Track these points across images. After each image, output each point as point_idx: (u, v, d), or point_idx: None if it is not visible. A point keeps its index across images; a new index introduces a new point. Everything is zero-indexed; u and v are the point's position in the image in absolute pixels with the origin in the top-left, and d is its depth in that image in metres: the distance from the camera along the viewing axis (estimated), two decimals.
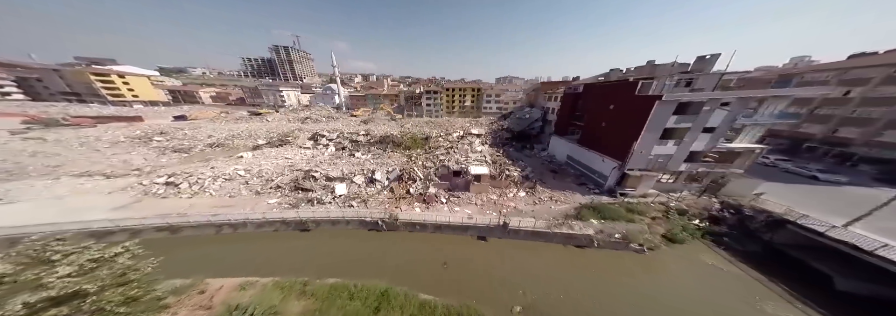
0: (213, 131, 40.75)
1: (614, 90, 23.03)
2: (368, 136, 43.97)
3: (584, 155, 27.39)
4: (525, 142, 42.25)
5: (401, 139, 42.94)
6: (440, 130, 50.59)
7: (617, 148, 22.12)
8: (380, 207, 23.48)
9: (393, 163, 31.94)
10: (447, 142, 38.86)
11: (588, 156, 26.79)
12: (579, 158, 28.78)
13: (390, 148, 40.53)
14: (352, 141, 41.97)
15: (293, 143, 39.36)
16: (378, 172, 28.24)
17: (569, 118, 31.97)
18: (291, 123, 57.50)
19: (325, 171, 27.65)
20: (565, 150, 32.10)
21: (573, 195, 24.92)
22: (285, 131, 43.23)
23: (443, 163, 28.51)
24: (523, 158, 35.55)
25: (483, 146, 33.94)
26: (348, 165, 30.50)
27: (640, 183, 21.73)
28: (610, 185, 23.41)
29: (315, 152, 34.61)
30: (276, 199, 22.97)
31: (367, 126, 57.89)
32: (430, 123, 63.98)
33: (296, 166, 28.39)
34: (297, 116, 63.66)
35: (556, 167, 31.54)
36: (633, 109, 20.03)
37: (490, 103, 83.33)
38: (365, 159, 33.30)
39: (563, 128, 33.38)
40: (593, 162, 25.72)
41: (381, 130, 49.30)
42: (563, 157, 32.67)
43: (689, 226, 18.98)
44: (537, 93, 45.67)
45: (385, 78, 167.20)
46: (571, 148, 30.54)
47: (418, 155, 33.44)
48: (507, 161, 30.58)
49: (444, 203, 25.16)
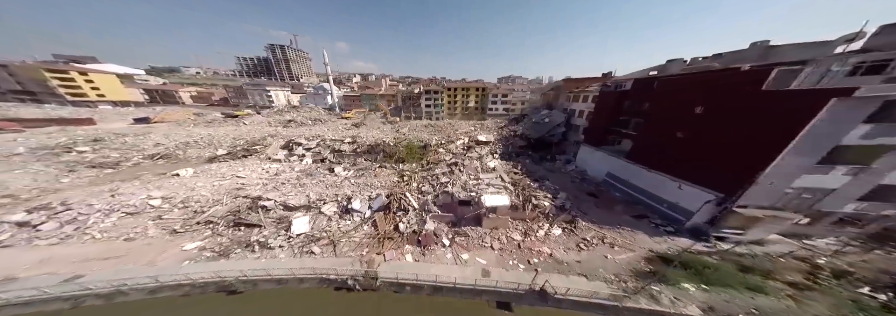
0: (166, 138, 33.49)
1: (707, 85, 15.30)
2: (355, 145, 36.60)
3: (641, 176, 19.93)
4: (544, 151, 34.82)
5: (394, 149, 35.58)
6: (441, 136, 43.22)
7: (714, 172, 14.69)
8: (355, 253, 16.19)
9: (379, 183, 24.54)
10: (449, 152, 31.46)
11: (648, 178, 19.35)
12: (630, 178, 21.33)
13: (380, 160, 33.18)
14: (334, 151, 34.62)
15: (261, 154, 32.05)
16: (356, 198, 20.86)
17: (608, 124, 24.50)
18: (270, 127, 50.30)
19: (284, 197, 20.29)
20: (603, 165, 24.63)
21: (634, 235, 17.47)
22: (255, 138, 35.94)
23: (444, 186, 21.10)
24: (545, 174, 28.12)
25: (496, 161, 26.44)
26: (320, 186, 23.14)
27: (758, 225, 14.29)
28: (696, 223, 15.98)
29: (282, 167, 27.22)
30: (199, 242, 15.63)
31: (358, 131, 50.61)
32: (430, 127, 56.63)
33: (247, 189, 21.03)
34: (279, 119, 56.43)
35: (593, 189, 24.06)
36: (756, 114, 12.55)
37: (495, 104, 75.93)
38: (345, 177, 25.93)
39: (598, 136, 25.90)
40: (660, 188, 18.26)
41: (372, 137, 41.99)
42: (600, 173, 25.21)
43: (866, 303, 11.53)
44: (558, 92, 38.26)
45: (383, 77, 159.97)
46: (615, 164, 23.07)
47: (413, 173, 26.03)
48: (531, 183, 23.14)
49: (446, 246, 17.74)
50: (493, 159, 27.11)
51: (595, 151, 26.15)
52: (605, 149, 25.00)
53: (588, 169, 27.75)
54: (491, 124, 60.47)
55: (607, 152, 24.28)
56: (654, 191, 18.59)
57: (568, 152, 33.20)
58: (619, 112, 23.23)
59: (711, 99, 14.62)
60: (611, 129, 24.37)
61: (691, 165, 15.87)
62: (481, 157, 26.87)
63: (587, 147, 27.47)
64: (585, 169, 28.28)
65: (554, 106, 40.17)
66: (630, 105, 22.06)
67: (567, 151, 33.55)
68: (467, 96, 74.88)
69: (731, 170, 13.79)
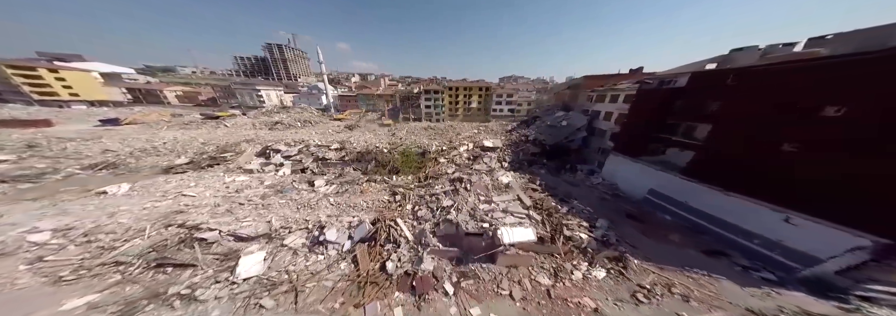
0: (121, 143, 28.71)
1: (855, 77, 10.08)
2: (343, 151, 31.83)
3: (710, 199, 15.06)
4: (561, 159, 30.03)
5: (387, 156, 30.81)
6: (442, 141, 38.44)
7: (866, 204, 9.83)
8: (325, 306, 11.47)
9: (365, 204, 19.76)
10: (451, 163, 26.67)
11: (722, 202, 14.45)
12: (689, 199, 16.51)
13: (371, 170, 28.40)
14: (318, 159, 29.84)
15: (231, 163, 27.25)
16: (332, 226, 16.08)
17: (650, 129, 19.71)
18: (253, 130, 45.55)
19: (237, 224, 15.46)
20: (643, 180, 19.84)
21: (715, 283, 12.60)
22: (229, 143, 31.16)
23: (447, 212, 16.29)
24: (568, 189, 23.32)
25: (509, 175, 21.66)
26: (289, 207, 18.30)
27: None
28: (822, 273, 11.14)
29: (249, 181, 22.40)
30: (93, 295, 10.79)
31: (350, 134, 45.85)
32: (430, 130, 51.80)
33: (190, 214, 16.18)
34: (265, 121, 51.70)
35: (634, 210, 19.22)
36: None
37: (500, 105, 71.32)
38: (324, 194, 21.12)
39: (635, 144, 21.10)
40: (746, 217, 13.37)
41: (365, 141, 37.23)
42: (638, 189, 20.43)
43: None
44: (576, 91, 33.49)
45: (382, 77, 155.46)
46: (662, 180, 18.27)
47: (408, 190, 21.20)
48: (558, 205, 18.33)
49: (449, 295, 12.94)
50: (505, 173, 22.26)
51: (630, 163, 21.33)
52: (644, 160, 20.19)
53: (619, 183, 22.92)
54: (496, 127, 55.71)
55: (648, 164, 19.46)
56: (735, 220, 13.73)
57: (591, 161, 28.41)
58: (666, 114, 18.44)
59: (862, 97, 9.77)
60: (653, 136, 19.55)
61: (814, 191, 11.02)
62: (492, 169, 22.00)
63: (619, 157, 22.66)
64: (615, 182, 23.46)
65: (571, 107, 35.39)
66: (685, 105, 17.28)
67: (589, 160, 28.76)
68: (470, 97, 70.23)
69: None
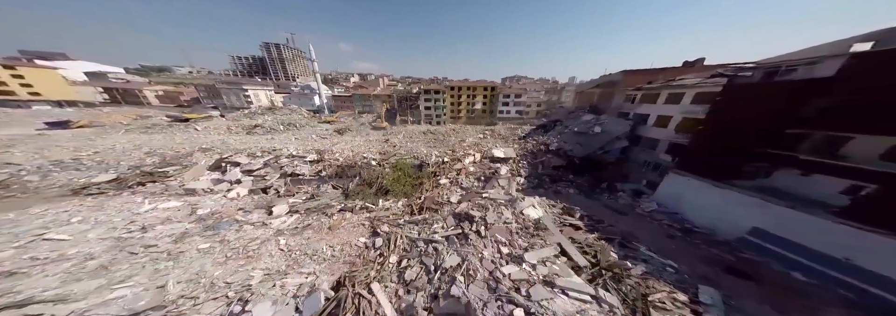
0: (39, 154, 22.68)
1: None
2: (321, 164, 25.69)
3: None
4: (594, 176, 23.72)
5: (376, 171, 24.67)
6: (443, 149, 32.23)
7: None
8: None
9: (331, 251, 13.57)
10: (455, 183, 20.43)
11: None
12: (854, 256, 10.17)
13: (353, 189, 22.32)
14: (288, 174, 23.70)
15: (175, 179, 21.18)
16: (264, 298, 9.87)
17: (751, 142, 13.39)
18: (226, 135, 39.56)
19: (100, 295, 9.30)
20: (739, 212, 13.57)
21: None
22: (180, 153, 25.11)
23: (450, 279, 10.06)
24: (611, 216, 17.05)
25: (539, 209, 15.48)
26: (209, 257, 12.13)
27: None
28: None
29: (175, 211, 16.22)
30: None
31: (338, 140, 39.75)
32: (430, 135, 45.58)
33: (33, 273, 10.06)
34: (245, 124, 45.74)
35: (731, 259, 12.82)
36: None
37: (507, 106, 65.11)
38: (276, 231, 14.93)
39: (723, 161, 14.78)
40: None
41: (352, 150, 31.08)
42: (727, 225, 14.18)
43: None
44: (610, 90, 27.18)
45: (381, 77, 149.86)
46: (784, 217, 11.97)
47: (394, 228, 14.90)
48: (617, 254, 12.00)
49: None
50: (529, 201, 15.97)
51: (710, 187, 15.02)
52: (738, 185, 13.90)
53: (688, 212, 16.62)
54: (504, 131, 49.39)
55: (748, 193, 13.18)
56: None
57: (634, 179, 22.10)
58: (784, 120, 12.17)
59: None
60: (756, 151, 13.23)
61: None
62: (513, 199, 15.65)
63: (687, 178, 16.35)
64: (680, 211, 17.16)
65: (602, 109, 29.10)
66: (832, 106, 10.99)
67: (632, 177, 22.44)
68: (473, 97, 64.09)
69: None
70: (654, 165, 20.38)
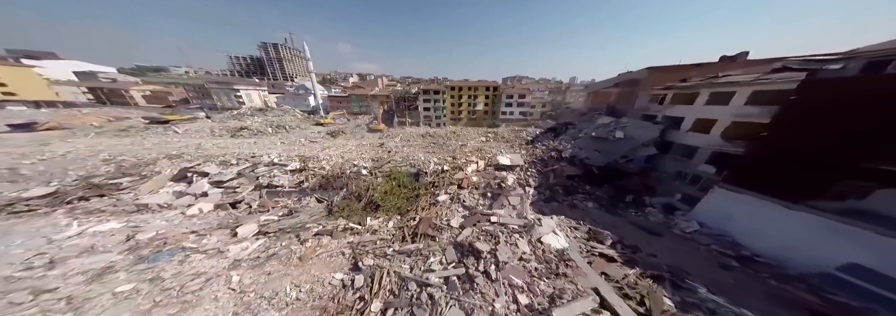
0: None
1: None
2: (305, 173, 22.66)
3: None
4: (616, 188, 20.63)
5: (367, 181, 21.66)
6: (443, 155, 29.22)
7: None
8: None
9: (296, 292, 10.48)
10: (456, 199, 17.29)
11: None
12: None
13: (338, 203, 19.28)
14: (263, 186, 20.62)
15: (132, 191, 18.13)
16: None
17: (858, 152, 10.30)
18: (209, 138, 36.56)
19: None
20: (826, 243, 10.60)
21: None
22: (141, 161, 22.06)
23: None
24: (643, 237, 14.01)
25: (562, 238, 12.36)
26: (126, 305, 9.07)
27: None
28: None
29: (106, 236, 13.12)
30: None
31: (329, 144, 36.76)
32: (429, 138, 42.59)
33: None
34: (231, 126, 42.74)
35: (816, 302, 9.73)
36: None
37: (510, 107, 62.13)
38: (233, 262, 11.85)
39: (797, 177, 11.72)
40: None
41: (341, 156, 28.07)
42: (803, 255, 11.16)
43: None
44: (630, 89, 24.15)
45: (380, 77, 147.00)
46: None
47: (380, 261, 11.78)
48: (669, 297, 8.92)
49: None
50: (548, 226, 12.87)
51: (777, 208, 11.97)
52: (821, 208, 10.85)
53: (741, 235, 13.58)
54: (508, 133, 46.51)
55: (844, 221, 10.14)
56: None
57: (665, 192, 19.00)
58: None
59: None
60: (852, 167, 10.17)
61: None
62: (529, 225, 12.52)
63: (746, 196, 13.28)
64: (730, 233, 14.11)
65: (621, 111, 26.03)
66: None
67: (661, 190, 19.34)
68: (475, 98, 61.12)
69: None
70: (691, 176, 17.32)
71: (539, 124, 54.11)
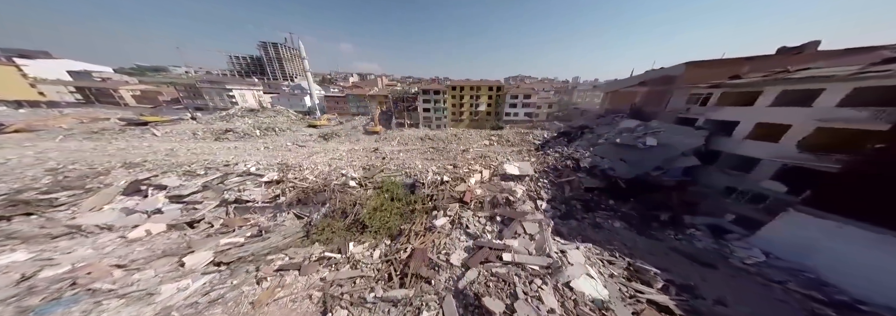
0: None
1: None
2: (281, 185, 19.58)
3: None
4: (646, 204, 17.37)
5: (354, 194, 18.58)
6: (443, 161, 26.09)
7: None
8: None
9: None
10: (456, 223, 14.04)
11: None
12: None
13: (318, 222, 16.24)
14: (231, 202, 17.54)
15: (69, 209, 15.13)
16: None
17: None
18: (189, 141, 33.66)
19: None
20: None
21: None
22: (92, 171, 19.07)
23: None
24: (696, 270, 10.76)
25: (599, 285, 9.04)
26: None
27: None
28: None
29: (10, 267, 10.03)
30: None
31: (322, 147, 33.73)
32: (428, 142, 39.42)
33: None
34: (217, 128, 39.81)
35: None
36: None
37: (515, 108, 58.75)
38: (162, 308, 8.76)
39: None
40: None
41: (328, 163, 25.00)
42: None
43: None
44: (664, 88, 20.74)
45: (379, 77, 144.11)
46: None
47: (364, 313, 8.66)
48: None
49: None
50: (580, 266, 9.66)
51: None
52: None
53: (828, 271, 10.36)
54: (512, 136, 43.30)
55: None
56: None
57: (710, 210, 15.70)
58: None
59: None
60: None
61: None
62: (557, 268, 9.32)
63: (843, 225, 10.08)
64: (811, 267, 10.88)
65: (649, 114, 22.75)
66: None
67: (704, 208, 16.04)
68: (477, 98, 57.85)
69: None
70: (748, 194, 14.05)
71: (545, 126, 50.85)
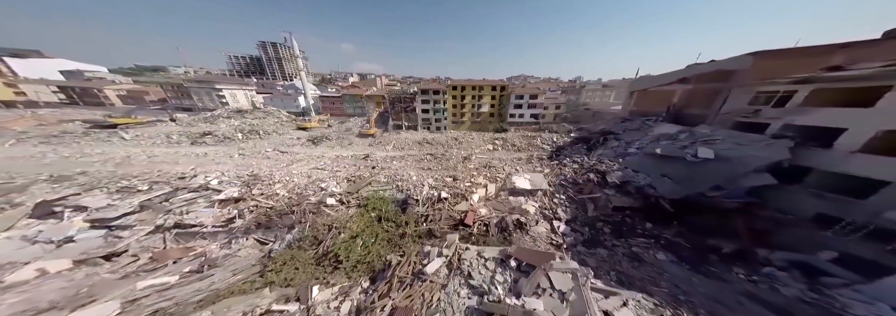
0: None
1: None
2: (241, 206, 15.97)
3: None
4: (690, 227, 13.58)
5: (332, 215, 14.92)
6: (441, 171, 22.38)
7: None
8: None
9: None
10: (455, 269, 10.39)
11: None
12: None
13: (280, 253, 12.49)
14: (170, 227, 13.90)
15: None
16: None
17: None
18: (165, 146, 30.29)
19: None
20: None
21: None
22: (8, 185, 15.55)
23: None
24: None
25: None
26: None
27: None
28: None
29: None
30: None
31: (307, 153, 30.16)
32: (426, 146, 35.71)
33: None
34: (197, 131, 36.40)
35: None
36: None
37: (520, 109, 54.87)
38: None
39: None
40: None
41: (307, 174, 21.36)
42: None
43: None
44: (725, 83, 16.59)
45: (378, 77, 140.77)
46: None
47: None
48: None
49: None
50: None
51: None
52: None
53: None
54: (518, 140, 39.59)
55: None
56: None
57: (789, 243, 11.87)
58: None
59: None
60: None
61: None
62: None
63: None
64: None
65: (698, 116, 18.84)
66: None
67: (782, 239, 12.19)
68: (480, 98, 54.06)
69: None
70: (868, 229, 10.26)
71: (553, 128, 47.03)
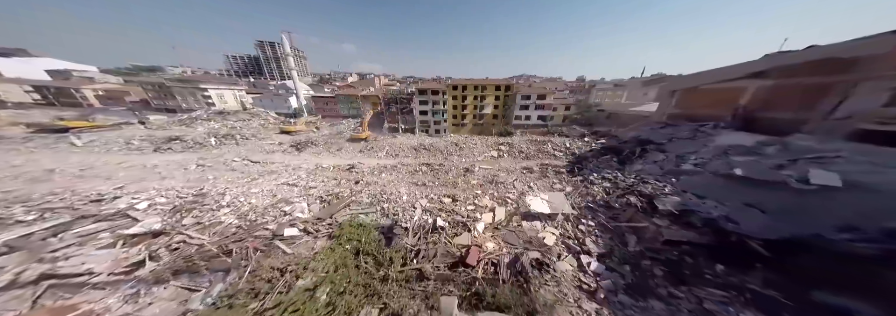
0: None
1: None
2: (161, 241, 11.65)
3: None
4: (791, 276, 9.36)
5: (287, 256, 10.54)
6: (439, 187, 18.13)
7: None
8: None
9: None
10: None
11: None
12: None
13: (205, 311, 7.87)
14: (45, 278, 9.65)
15: None
16: None
17: None
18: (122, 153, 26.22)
19: None
20: None
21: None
22: None
23: None
24: None
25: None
26: None
27: None
28: None
29: None
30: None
31: (286, 162, 25.96)
32: (423, 152, 31.31)
33: None
34: (160, 136, 32.28)
35: None
36: None
37: (527, 110, 50.61)
38: None
39: None
40: None
41: (272, 191, 17.13)
42: None
43: None
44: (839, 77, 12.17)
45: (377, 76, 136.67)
46: None
47: None
48: None
49: None
50: None
51: None
52: None
53: None
54: (526, 146, 35.37)
55: None
56: None
57: None
58: None
59: None
60: None
61: None
62: None
63: None
64: None
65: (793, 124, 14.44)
66: None
67: None
68: (482, 99, 49.83)
69: None
70: None
71: (564, 132, 42.78)
